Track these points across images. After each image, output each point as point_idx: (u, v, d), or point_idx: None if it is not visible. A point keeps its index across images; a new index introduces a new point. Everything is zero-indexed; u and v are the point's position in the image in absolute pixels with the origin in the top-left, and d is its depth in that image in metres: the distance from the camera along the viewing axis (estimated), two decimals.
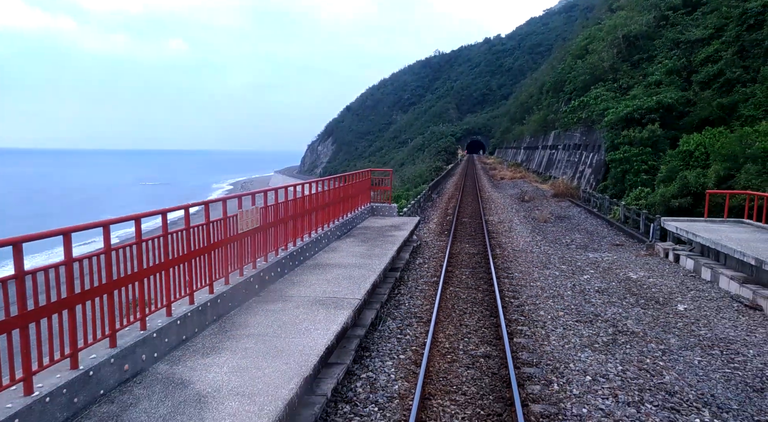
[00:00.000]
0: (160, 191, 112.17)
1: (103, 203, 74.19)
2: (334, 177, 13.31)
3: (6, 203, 76.40)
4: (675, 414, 5.85)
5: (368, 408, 5.90)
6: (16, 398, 3.86)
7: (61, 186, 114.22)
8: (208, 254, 6.50)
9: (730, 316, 9.33)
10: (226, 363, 5.41)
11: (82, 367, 4.39)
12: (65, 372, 4.28)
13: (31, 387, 3.92)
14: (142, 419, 4.28)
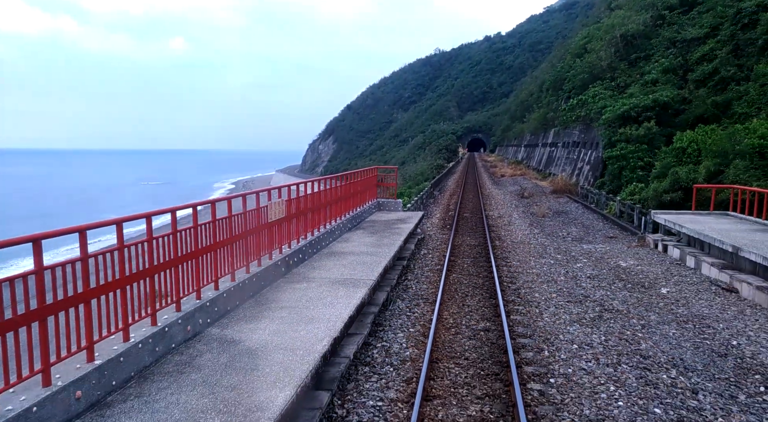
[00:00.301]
0: (161, 190, 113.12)
1: (106, 203, 75.18)
2: (344, 174, 14.40)
3: (9, 204, 77.36)
4: (646, 372, 6.93)
5: (385, 369, 6.98)
6: (119, 343, 4.95)
7: (62, 186, 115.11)
8: (245, 240, 7.59)
9: (707, 297, 10.40)
10: (267, 327, 6.50)
11: (159, 324, 5.48)
12: (148, 327, 5.38)
13: (128, 335, 5.02)
14: (209, 365, 5.37)
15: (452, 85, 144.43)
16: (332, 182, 12.89)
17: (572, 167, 37.77)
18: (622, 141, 28.89)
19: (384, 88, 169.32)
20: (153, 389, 4.89)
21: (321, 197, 11.44)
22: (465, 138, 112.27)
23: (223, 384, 4.99)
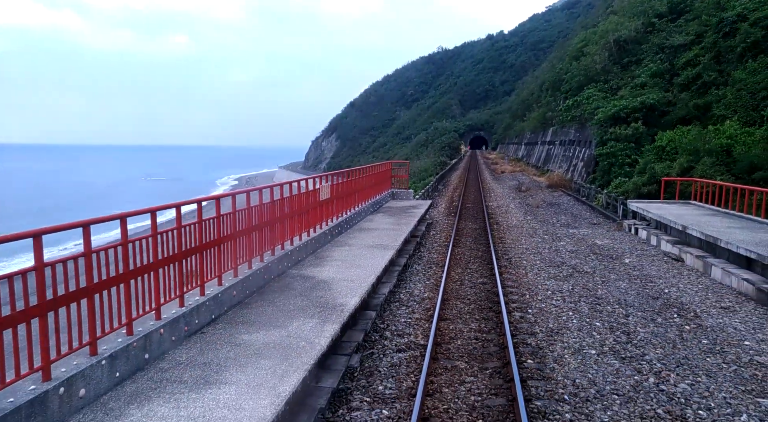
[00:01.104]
0: (167, 186, 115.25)
1: (115, 198, 77.17)
2: (365, 167, 17.30)
3: (15, 198, 79.33)
4: (596, 306, 9.81)
5: (410, 303, 9.86)
6: (243, 271, 7.86)
7: (67, 181, 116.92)
8: (307, 213, 10.49)
9: (658, 265, 13.28)
10: (329, 270, 9.41)
11: (265, 261, 8.39)
12: (259, 263, 8.28)
13: (251, 265, 7.93)
14: (299, 287, 8.27)
15: (455, 83, 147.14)
16: (357, 173, 15.79)
17: (568, 164, 40.61)
18: (612, 140, 31.75)
19: (387, 86, 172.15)
20: (270, 297, 7.79)
21: (350, 185, 14.33)
22: (467, 136, 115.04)
23: (313, 296, 7.89)
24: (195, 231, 6.40)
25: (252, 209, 8.13)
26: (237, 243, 7.60)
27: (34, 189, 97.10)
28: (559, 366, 7.15)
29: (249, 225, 7.90)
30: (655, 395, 6.33)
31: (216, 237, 6.91)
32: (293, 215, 9.77)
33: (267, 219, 8.60)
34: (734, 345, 7.98)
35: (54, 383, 4.13)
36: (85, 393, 4.45)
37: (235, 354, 5.84)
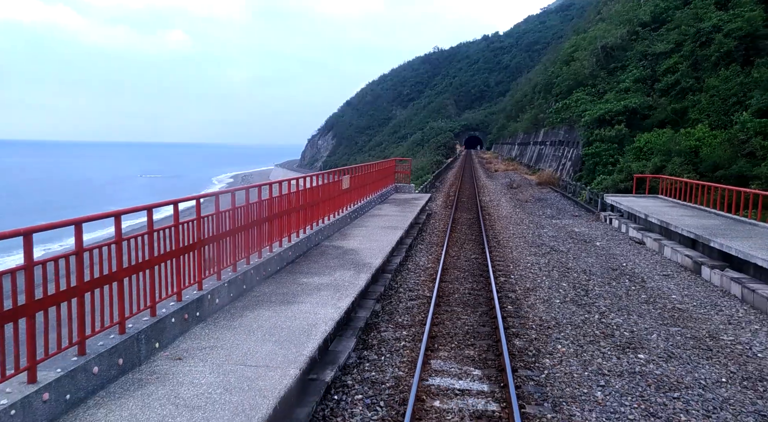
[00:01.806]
0: (166, 183, 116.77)
1: (114, 194, 78.53)
2: (373, 163, 19.82)
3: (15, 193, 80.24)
4: (565, 274, 12.37)
5: (417, 271, 12.40)
6: (286, 243, 10.36)
7: (64, 178, 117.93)
8: (332, 200, 13.01)
9: (623, 246, 15.88)
10: (353, 242, 11.96)
11: (305, 234, 10.90)
12: (303, 234, 10.79)
13: (298, 234, 10.45)
14: (333, 253, 10.80)
15: (450, 83, 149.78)
16: (367, 168, 18.32)
17: (557, 164, 43.25)
18: (597, 141, 34.39)
19: (383, 85, 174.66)
20: (313, 258, 10.32)
21: (363, 178, 16.86)
22: (462, 136, 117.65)
23: (345, 258, 10.43)
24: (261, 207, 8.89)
25: (299, 192, 10.64)
26: (290, 218, 10.11)
27: (28, 185, 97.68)
28: (531, 310, 9.71)
29: (297, 204, 10.42)
30: (596, 324, 8.90)
31: (278, 211, 9.42)
32: (325, 199, 12.30)
33: (308, 201, 11.12)
34: (664, 298, 10.57)
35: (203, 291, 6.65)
36: (219, 302, 6.97)
37: (302, 289, 8.37)
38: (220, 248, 7.29)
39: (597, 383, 6.74)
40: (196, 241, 6.58)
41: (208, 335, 6.29)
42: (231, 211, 7.62)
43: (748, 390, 6.63)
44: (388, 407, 6.03)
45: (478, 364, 7.29)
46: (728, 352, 7.83)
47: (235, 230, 7.77)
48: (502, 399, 6.29)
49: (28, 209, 58.70)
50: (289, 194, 10.00)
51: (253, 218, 8.33)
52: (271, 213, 9.10)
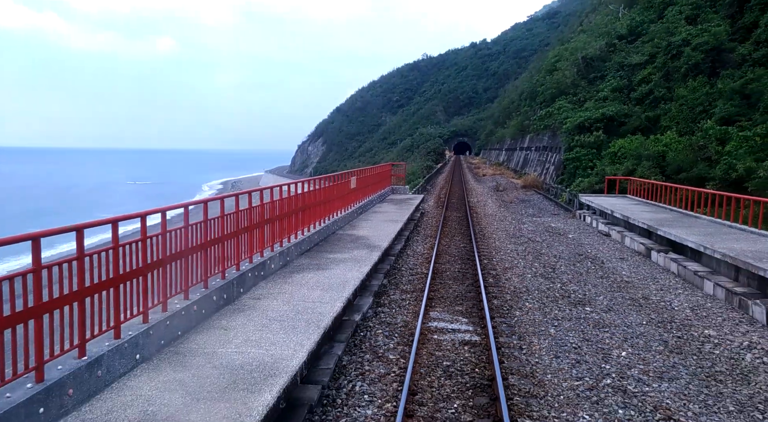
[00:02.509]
0: (154, 189, 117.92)
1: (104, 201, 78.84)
2: (372, 167, 22.40)
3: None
4: (538, 257, 15.02)
5: (415, 255, 14.99)
6: (305, 232, 12.91)
7: (49, 185, 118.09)
8: (342, 198, 15.58)
9: (591, 238, 18.56)
10: (362, 231, 14.54)
11: (329, 221, 13.46)
12: (325, 222, 13.35)
13: (324, 221, 13.01)
14: (347, 239, 13.37)
15: (439, 90, 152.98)
16: (368, 171, 20.92)
17: (542, 168, 46.11)
18: (577, 146, 37.24)
19: (373, 92, 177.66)
20: (332, 243, 12.88)
21: (365, 180, 19.45)
22: (451, 141, 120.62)
23: (358, 242, 13.01)
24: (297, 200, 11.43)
25: (319, 190, 13.21)
26: (314, 210, 12.67)
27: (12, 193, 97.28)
28: (507, 282, 12.33)
29: (318, 200, 12.99)
30: (558, 291, 11.53)
31: (301, 205, 11.99)
32: (338, 197, 14.87)
33: (325, 198, 13.68)
34: (616, 274, 13.24)
35: (265, 258, 9.18)
36: (273, 267, 9.52)
37: (330, 261, 10.95)
38: (273, 228, 9.84)
39: (552, 324, 9.35)
40: (255, 223, 9.12)
41: (273, 287, 8.84)
42: (275, 202, 10.17)
43: (659, 327, 9.27)
44: (401, 337, 8.60)
45: (465, 315, 9.88)
46: (653, 307, 10.48)
47: (281, 216, 10.31)
48: (483, 334, 8.87)
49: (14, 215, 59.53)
50: (312, 192, 12.57)
51: (291, 208, 10.88)
52: (303, 205, 11.66)
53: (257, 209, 9.02)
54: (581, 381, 7.02)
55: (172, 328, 6.23)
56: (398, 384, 6.82)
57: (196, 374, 5.49)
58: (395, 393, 6.58)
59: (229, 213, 7.87)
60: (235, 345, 6.30)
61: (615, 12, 52.57)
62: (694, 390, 6.80)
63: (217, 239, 7.41)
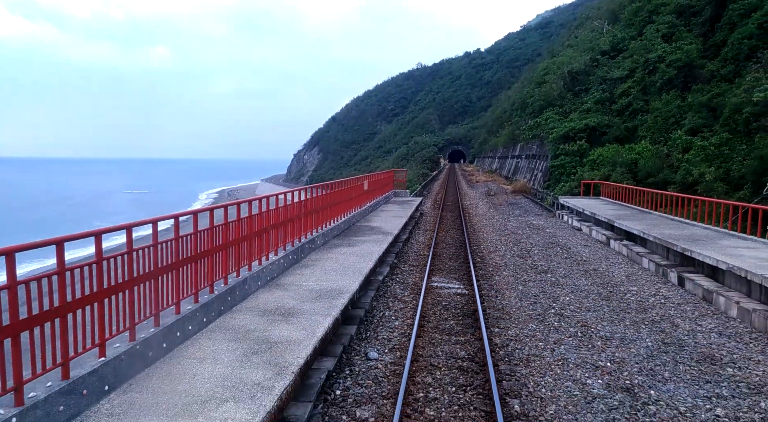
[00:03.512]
0: (149, 199, 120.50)
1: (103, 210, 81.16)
2: (378, 173, 26.15)
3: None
4: (518, 244, 18.81)
5: (418, 243, 18.76)
6: (333, 222, 16.67)
7: (50, 194, 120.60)
8: (358, 197, 19.36)
9: (565, 231, 22.37)
10: (375, 223, 18.32)
11: (347, 216, 17.20)
12: (343, 218, 17.10)
13: (341, 217, 16.77)
14: (364, 229, 17.13)
15: (434, 98, 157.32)
16: (375, 176, 24.70)
17: (531, 175, 50.02)
18: (562, 154, 41.15)
19: (368, 101, 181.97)
20: (354, 231, 16.63)
21: (374, 184, 23.23)
22: (446, 150, 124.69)
23: (374, 230, 16.78)
24: (328, 199, 15.15)
25: (340, 191, 16.95)
26: (340, 205, 16.42)
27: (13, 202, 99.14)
28: (491, 260, 16.09)
29: (344, 198, 16.75)
30: (529, 265, 15.31)
31: (330, 202, 15.75)
32: (354, 197, 18.63)
33: (347, 197, 17.43)
34: (577, 255, 17.03)
35: (316, 235, 12.91)
36: (319, 243, 13.27)
37: (357, 241, 14.71)
38: (319, 217, 13.61)
39: (521, 284, 13.11)
40: (307, 212, 12.88)
41: (322, 255, 12.62)
42: (316, 198, 13.93)
43: (599, 286, 13.04)
44: (412, 290, 12.34)
45: (458, 280, 13.65)
46: (599, 275, 14.28)
47: (322, 207, 14.07)
48: (470, 290, 12.61)
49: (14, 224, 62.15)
50: (337, 191, 16.34)
51: (326, 203, 14.64)
52: (332, 201, 15.44)
53: (306, 203, 12.77)
54: (534, 311, 10.79)
55: (270, 272, 9.94)
56: (412, 312, 10.56)
57: (295, 292, 9.25)
58: (411, 316, 10.31)
59: (286, 205, 11.60)
60: (312, 281, 10.08)
61: (599, 28, 56.78)
62: (608, 316, 10.57)
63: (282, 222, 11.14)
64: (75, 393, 4.78)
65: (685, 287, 12.72)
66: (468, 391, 7.06)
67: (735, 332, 9.61)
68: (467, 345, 8.80)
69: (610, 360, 8.19)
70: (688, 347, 8.83)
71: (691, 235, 15.55)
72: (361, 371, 7.60)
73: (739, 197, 22.48)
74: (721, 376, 7.63)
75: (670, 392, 7.08)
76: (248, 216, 9.02)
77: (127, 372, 5.53)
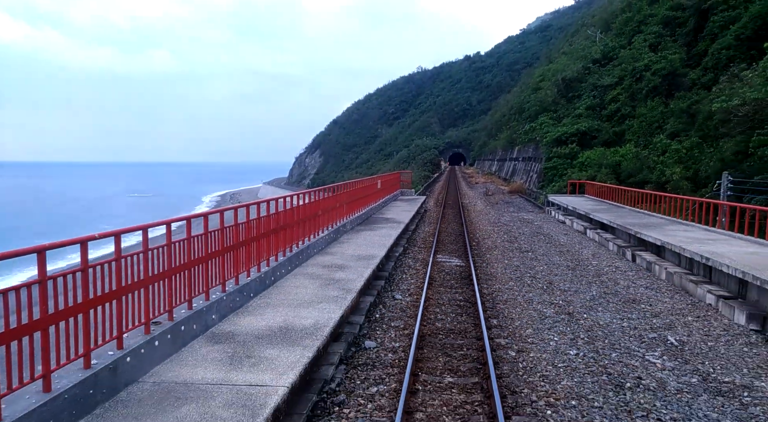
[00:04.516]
0: (153, 202, 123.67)
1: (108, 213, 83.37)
2: (388, 173, 29.99)
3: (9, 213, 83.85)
4: (508, 233, 22.64)
5: (424, 233, 22.59)
6: (356, 214, 20.49)
7: (52, 198, 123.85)
8: (374, 194, 23.18)
9: (550, 224, 26.19)
10: (389, 215, 22.21)
11: (363, 211, 21.03)
12: (361, 211, 20.93)
13: (357, 212, 20.60)
14: (380, 220, 20.98)
15: (434, 102, 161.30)
16: (385, 177, 28.54)
17: (527, 176, 53.85)
18: (555, 157, 44.99)
19: (369, 104, 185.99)
20: (371, 221, 20.47)
21: (385, 183, 27.07)
22: (446, 152, 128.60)
23: (388, 220, 20.64)
24: (353, 194, 18.95)
25: (362, 189, 20.76)
26: (361, 200, 20.24)
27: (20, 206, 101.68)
28: (485, 244, 19.91)
29: (362, 195, 20.57)
30: (515, 247, 19.15)
31: (352, 198, 19.57)
32: (370, 194, 22.46)
33: (364, 194, 21.25)
34: (556, 240, 20.85)
35: (347, 221, 16.72)
36: (349, 227, 17.10)
37: (376, 227, 18.57)
38: (347, 208, 17.44)
39: (506, 258, 16.92)
40: (338, 205, 16.70)
41: (352, 236, 16.51)
42: (343, 194, 17.75)
43: (568, 261, 16.85)
44: (422, 263, 16.16)
45: (457, 257, 17.47)
46: (570, 254, 18.08)
47: (349, 201, 17.90)
48: (467, 263, 16.41)
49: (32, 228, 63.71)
50: (358, 189, 20.16)
51: (352, 198, 18.48)
52: (356, 196, 19.28)
53: (338, 197, 16.60)
54: (514, 275, 14.61)
55: (320, 244, 13.77)
56: (423, 275, 14.37)
57: (341, 256, 13.12)
58: (422, 277, 14.12)
59: (326, 198, 15.40)
60: (351, 250, 13.97)
61: (592, 36, 60.73)
62: (569, 278, 14.38)
63: (325, 210, 14.95)
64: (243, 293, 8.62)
65: (635, 262, 16.54)
66: (463, 316, 10.87)
67: (657, 287, 13.44)
68: (463, 294, 12.62)
69: (562, 301, 12.00)
70: (620, 295, 12.65)
71: (647, 223, 19.38)
72: (390, 305, 11.42)
73: (702, 193, 26.35)
74: (635, 309, 11.45)
75: (597, 315, 10.89)
76: (304, 204, 12.84)
77: (259, 288, 9.37)
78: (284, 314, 8.37)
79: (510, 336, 9.60)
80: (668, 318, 10.76)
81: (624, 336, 9.65)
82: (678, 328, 10.15)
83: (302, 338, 7.41)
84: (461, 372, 7.94)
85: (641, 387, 7.44)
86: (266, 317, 8.21)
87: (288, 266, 10.97)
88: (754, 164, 23.63)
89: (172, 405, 5.31)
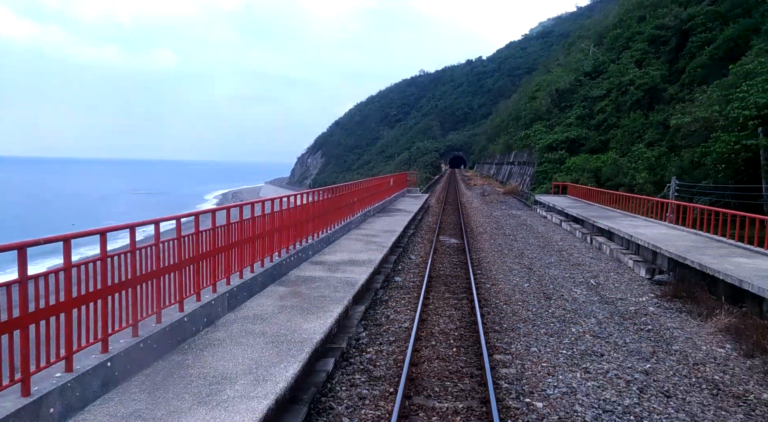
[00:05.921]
0: (156, 199, 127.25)
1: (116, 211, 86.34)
2: (398, 173, 35.43)
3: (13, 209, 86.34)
4: (497, 226, 28.11)
5: (427, 223, 28.05)
6: (362, 210, 25.92)
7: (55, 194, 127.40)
8: (387, 190, 28.63)
9: (534, 219, 31.66)
10: (400, 206, 27.71)
11: (381, 202, 26.47)
12: (366, 211, 26.35)
13: (363, 210, 26.04)
14: (394, 210, 26.45)
15: (436, 105, 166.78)
16: (396, 177, 33.99)
17: (521, 179, 59.32)
18: (546, 162, 50.49)
19: (371, 106, 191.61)
20: (387, 211, 25.93)
21: (396, 181, 32.52)
22: (447, 155, 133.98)
23: (400, 211, 26.14)
24: (366, 191, 24.32)
25: (373, 187, 26.19)
26: (377, 195, 25.65)
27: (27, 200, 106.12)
28: (477, 231, 25.39)
29: (380, 190, 25.99)
30: (502, 234, 24.63)
31: (372, 192, 24.99)
32: (385, 190, 27.88)
33: (378, 190, 26.67)
34: (535, 230, 26.33)
35: (361, 213, 22.12)
36: (371, 214, 22.56)
37: (391, 215, 24.07)
38: (372, 199, 22.88)
39: (493, 240, 22.38)
40: (359, 199, 22.11)
41: (375, 219, 22.05)
42: (364, 189, 23.15)
43: (541, 243, 22.32)
44: (428, 241, 21.63)
45: (455, 238, 22.95)
46: (544, 239, 23.53)
47: (368, 196, 23.32)
48: (462, 242, 21.87)
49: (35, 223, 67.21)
50: (375, 184, 25.59)
51: (371, 193, 23.90)
52: (374, 191, 24.72)
53: (366, 189, 22.02)
54: (497, 249, 20.07)
55: (356, 222, 19.18)
56: (429, 247, 19.82)
57: (372, 230, 18.68)
58: (429, 248, 19.56)
59: (342, 194, 20.74)
60: (378, 227, 19.61)
61: (586, 49, 66.29)
62: (537, 251, 19.83)
63: (359, 199, 20.35)
64: (322, 242, 14.10)
65: (591, 243, 21.99)
66: (458, 269, 16.31)
67: (599, 257, 18.92)
68: (458, 258, 18.10)
69: (528, 263, 17.46)
70: (570, 261, 18.11)
71: (606, 216, 24.85)
72: (408, 262, 16.90)
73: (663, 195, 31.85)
74: (577, 269, 16.90)
75: (549, 271, 16.33)
76: (348, 192, 18.26)
77: (326, 244, 14.85)
78: (349, 255, 13.94)
79: (487, 278, 15.07)
80: (597, 274, 16.22)
81: (563, 281, 15.10)
82: (600, 278, 15.62)
83: (363, 264, 12.96)
84: (456, 293, 13.40)
85: (562, 299, 12.90)
86: (338, 256, 13.82)
87: (340, 233, 16.49)
88: (701, 171, 29.13)
89: (307, 283, 10.79)
